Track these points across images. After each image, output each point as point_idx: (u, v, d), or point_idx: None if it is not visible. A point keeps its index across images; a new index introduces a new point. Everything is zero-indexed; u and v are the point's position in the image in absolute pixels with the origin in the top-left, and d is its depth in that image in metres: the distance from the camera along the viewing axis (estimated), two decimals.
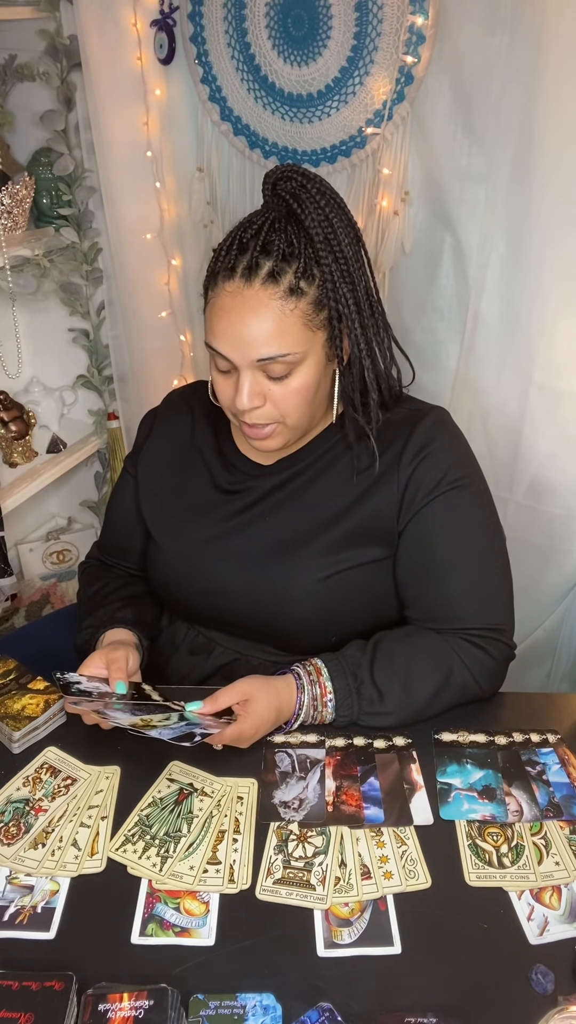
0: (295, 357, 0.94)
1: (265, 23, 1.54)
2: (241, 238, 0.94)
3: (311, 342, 0.95)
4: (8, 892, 0.82)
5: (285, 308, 0.92)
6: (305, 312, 0.94)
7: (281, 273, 0.92)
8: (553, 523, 1.55)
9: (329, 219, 0.94)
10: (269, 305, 0.92)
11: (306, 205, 0.94)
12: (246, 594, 1.06)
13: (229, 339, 0.94)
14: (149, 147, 1.69)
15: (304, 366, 0.96)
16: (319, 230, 0.94)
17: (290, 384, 0.96)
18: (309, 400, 0.99)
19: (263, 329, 0.92)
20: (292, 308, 0.93)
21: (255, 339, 0.92)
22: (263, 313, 0.92)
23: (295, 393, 0.97)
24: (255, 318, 0.92)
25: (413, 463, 1.03)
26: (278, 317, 0.92)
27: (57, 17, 1.60)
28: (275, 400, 0.97)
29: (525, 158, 1.33)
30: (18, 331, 1.73)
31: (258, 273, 0.92)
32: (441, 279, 1.56)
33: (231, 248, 0.94)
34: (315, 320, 0.95)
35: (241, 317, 0.92)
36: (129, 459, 1.21)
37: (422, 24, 1.38)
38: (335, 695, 0.99)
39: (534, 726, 1.02)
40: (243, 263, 0.92)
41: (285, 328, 0.93)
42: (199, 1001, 0.71)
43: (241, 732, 0.94)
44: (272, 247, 0.92)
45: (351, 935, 0.78)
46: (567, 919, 0.80)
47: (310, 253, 0.93)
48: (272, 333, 0.92)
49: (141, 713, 0.94)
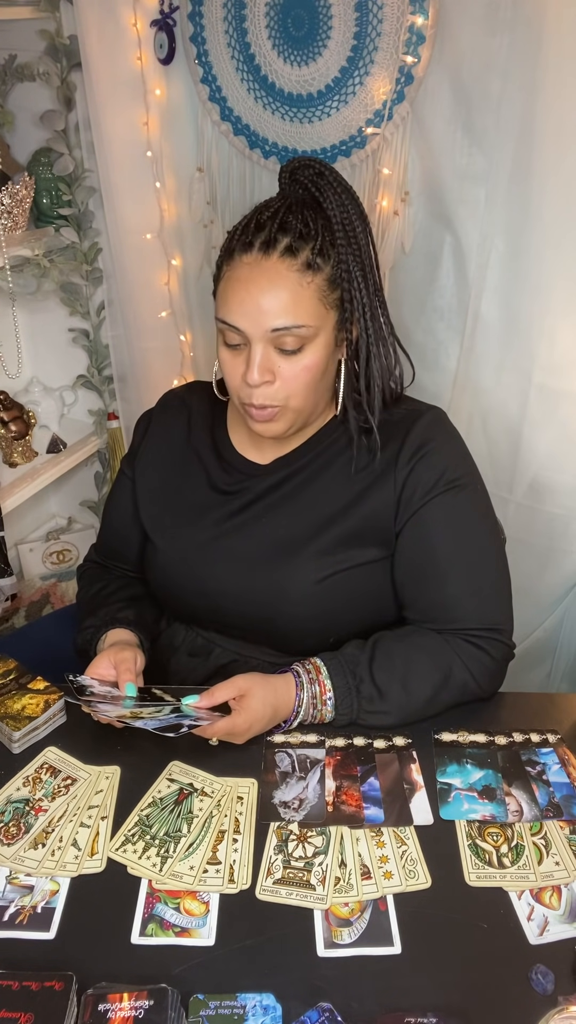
0: (308, 331, 0.95)
1: (265, 23, 1.54)
2: (259, 218, 0.96)
3: (324, 319, 0.96)
4: (8, 892, 0.82)
5: (302, 280, 0.93)
6: (320, 288, 0.95)
7: (299, 249, 0.94)
8: (553, 523, 1.55)
9: (346, 206, 0.97)
10: (287, 276, 0.93)
11: (325, 191, 0.96)
12: (244, 595, 1.06)
13: (244, 310, 0.94)
14: (149, 147, 1.69)
15: (315, 344, 0.97)
16: (336, 214, 0.96)
17: (301, 361, 0.96)
18: (316, 382, 0.99)
19: (279, 299, 0.93)
20: (309, 281, 0.94)
21: (271, 309, 0.93)
22: (280, 283, 0.93)
23: (305, 371, 0.97)
24: (272, 288, 0.93)
25: (410, 463, 1.03)
26: (295, 288, 0.93)
27: (57, 17, 1.61)
28: (284, 378, 0.97)
29: (525, 158, 1.33)
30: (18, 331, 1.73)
31: (276, 247, 0.93)
32: (441, 279, 1.56)
33: (248, 227, 0.96)
34: (329, 298, 0.96)
35: (259, 287, 0.93)
36: (126, 460, 1.21)
37: (422, 24, 1.38)
38: (334, 693, 0.99)
39: (534, 726, 1.02)
40: (261, 238, 0.94)
41: (301, 300, 0.93)
42: (199, 1001, 0.71)
43: (234, 726, 0.94)
44: (289, 226, 0.94)
45: (351, 935, 0.78)
46: (567, 919, 0.80)
47: (327, 236, 0.95)
48: (288, 303, 0.93)
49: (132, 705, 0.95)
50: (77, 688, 0.97)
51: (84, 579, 1.25)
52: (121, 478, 1.21)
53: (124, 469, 1.20)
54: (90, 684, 0.98)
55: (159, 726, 0.92)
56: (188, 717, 0.93)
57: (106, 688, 0.98)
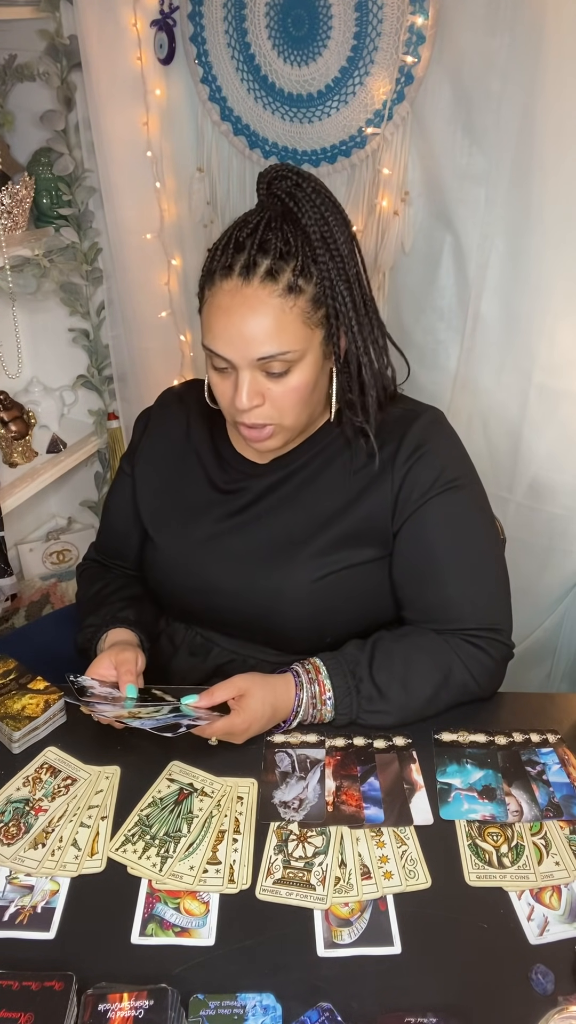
0: (294, 355, 0.94)
1: (265, 23, 1.54)
2: (237, 237, 0.93)
3: (309, 340, 0.95)
4: (8, 892, 0.82)
5: (284, 306, 0.92)
6: (304, 310, 0.93)
7: (279, 271, 0.92)
8: (553, 523, 1.55)
9: (325, 217, 0.94)
10: (268, 303, 0.91)
11: (302, 204, 0.94)
12: (241, 594, 1.06)
13: (228, 338, 0.93)
14: (149, 147, 1.69)
15: (302, 364, 0.96)
16: (315, 228, 0.93)
17: (288, 382, 0.96)
18: (307, 399, 0.99)
19: (262, 327, 0.92)
20: (291, 306, 0.92)
21: (254, 337, 0.92)
22: (262, 311, 0.92)
23: (293, 392, 0.97)
24: (254, 316, 0.92)
25: (407, 463, 1.03)
26: (277, 315, 0.92)
27: (57, 17, 1.61)
28: (273, 399, 0.97)
29: (525, 158, 1.34)
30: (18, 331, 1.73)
31: (256, 271, 0.91)
32: (441, 279, 1.56)
33: (227, 247, 0.93)
34: (313, 318, 0.95)
35: (241, 316, 0.92)
36: (125, 459, 1.21)
37: (422, 24, 1.38)
38: (334, 693, 0.99)
39: (534, 726, 1.02)
40: (240, 261, 0.92)
41: (284, 326, 0.92)
42: (199, 1001, 0.71)
43: (232, 726, 0.94)
44: (269, 245, 0.92)
45: (351, 935, 0.78)
46: (567, 919, 0.80)
47: (307, 252, 0.93)
48: (271, 331, 0.92)
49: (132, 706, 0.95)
50: (78, 689, 0.97)
51: (84, 578, 1.25)
52: (120, 476, 1.21)
53: (123, 467, 1.20)
54: (91, 685, 0.98)
55: (157, 726, 0.92)
56: (187, 717, 0.93)
57: (106, 689, 0.98)
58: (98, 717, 0.97)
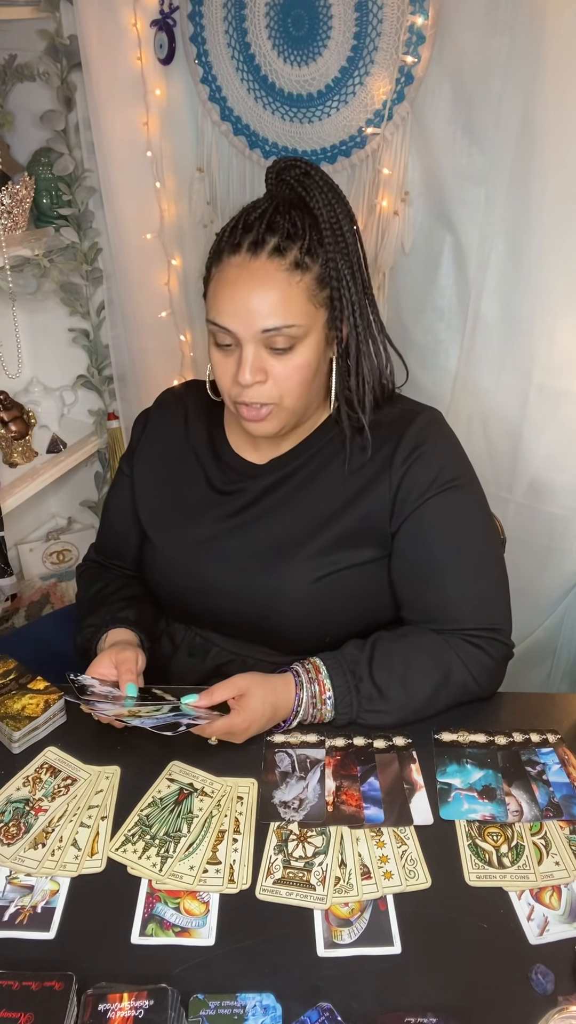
0: (298, 330, 0.95)
1: (265, 23, 1.54)
2: (246, 219, 0.96)
3: (314, 318, 0.96)
4: (8, 892, 0.82)
5: (291, 280, 0.94)
6: (309, 286, 0.95)
7: (287, 249, 0.94)
8: (553, 523, 1.55)
9: (332, 205, 0.97)
10: (275, 276, 0.93)
11: (311, 190, 0.97)
12: (241, 595, 1.06)
13: (234, 311, 0.94)
14: (149, 147, 1.69)
15: (306, 343, 0.97)
16: (324, 214, 0.96)
17: (292, 360, 0.97)
18: (308, 382, 0.99)
19: (268, 299, 0.93)
20: (297, 280, 0.94)
21: (260, 309, 0.93)
22: (269, 283, 0.93)
23: (296, 371, 0.97)
24: (261, 288, 0.93)
25: (405, 464, 1.03)
26: (283, 288, 0.93)
27: (57, 17, 1.61)
28: (276, 377, 0.97)
29: (525, 158, 1.34)
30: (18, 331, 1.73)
31: (264, 247, 0.93)
32: (441, 279, 1.56)
33: (236, 228, 0.96)
34: (318, 297, 0.96)
35: (248, 288, 0.93)
36: (124, 459, 1.21)
37: (422, 24, 1.38)
38: (334, 692, 0.99)
39: (534, 726, 1.02)
40: (249, 239, 0.94)
41: (290, 299, 0.94)
42: (199, 1001, 0.71)
43: (232, 725, 0.94)
44: (277, 226, 0.94)
45: (351, 935, 0.78)
46: (567, 919, 0.80)
47: (314, 235, 0.95)
48: (277, 303, 0.93)
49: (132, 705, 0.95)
50: (78, 688, 0.97)
51: (84, 578, 1.25)
52: (119, 476, 1.21)
53: (123, 467, 1.21)
54: (91, 684, 0.98)
55: (157, 724, 0.92)
56: (187, 716, 0.93)
57: (107, 688, 0.98)
58: (98, 716, 0.98)
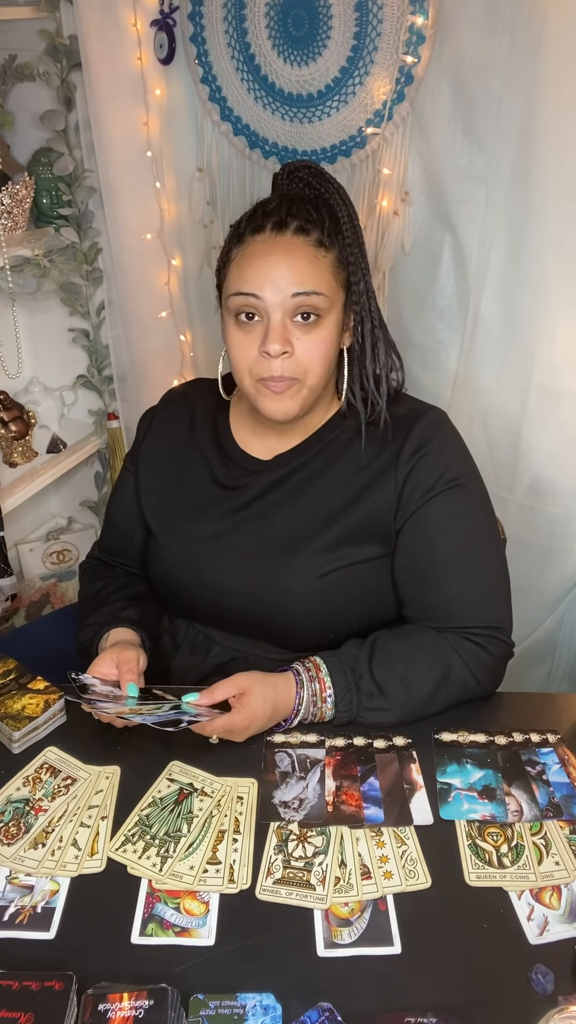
0: (325, 301, 0.98)
1: (265, 23, 1.54)
2: (265, 207, 1.00)
3: (336, 295, 1.00)
4: (8, 892, 0.82)
5: (316, 254, 0.97)
6: (332, 263, 0.99)
7: (309, 230, 0.98)
8: (553, 523, 1.55)
9: (347, 202, 1.01)
10: (303, 248, 0.97)
11: (327, 186, 1.01)
12: (245, 591, 1.07)
13: (263, 278, 0.96)
14: (149, 147, 1.69)
15: (329, 318, 0.99)
16: (342, 207, 1.00)
17: (317, 334, 0.98)
18: (330, 361, 1.02)
19: (299, 266, 0.96)
20: (323, 255, 0.98)
21: (291, 274, 0.96)
22: (297, 253, 0.97)
23: (321, 344, 0.99)
24: (290, 257, 0.96)
25: (411, 462, 1.03)
26: (312, 259, 0.97)
27: (57, 17, 1.61)
28: (302, 350, 0.99)
29: (525, 158, 1.34)
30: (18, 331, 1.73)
31: (288, 227, 0.97)
32: (441, 279, 1.56)
33: (255, 214, 1.00)
34: (339, 276, 1.00)
35: (277, 257, 0.96)
36: (129, 457, 1.22)
37: (422, 24, 1.38)
38: (334, 691, 0.99)
39: (534, 726, 1.02)
40: (272, 220, 0.98)
41: (319, 270, 0.97)
42: (199, 1001, 0.71)
43: (233, 724, 0.94)
44: (296, 213, 0.98)
45: (351, 935, 0.78)
46: (567, 919, 0.80)
47: (333, 226, 0.99)
48: (307, 270, 0.96)
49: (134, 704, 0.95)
50: (80, 687, 0.97)
51: (86, 576, 1.25)
52: (124, 474, 1.21)
53: (127, 465, 1.21)
54: (92, 683, 0.98)
55: (158, 721, 0.92)
56: (187, 714, 0.93)
57: (108, 688, 0.98)
58: (99, 715, 0.98)
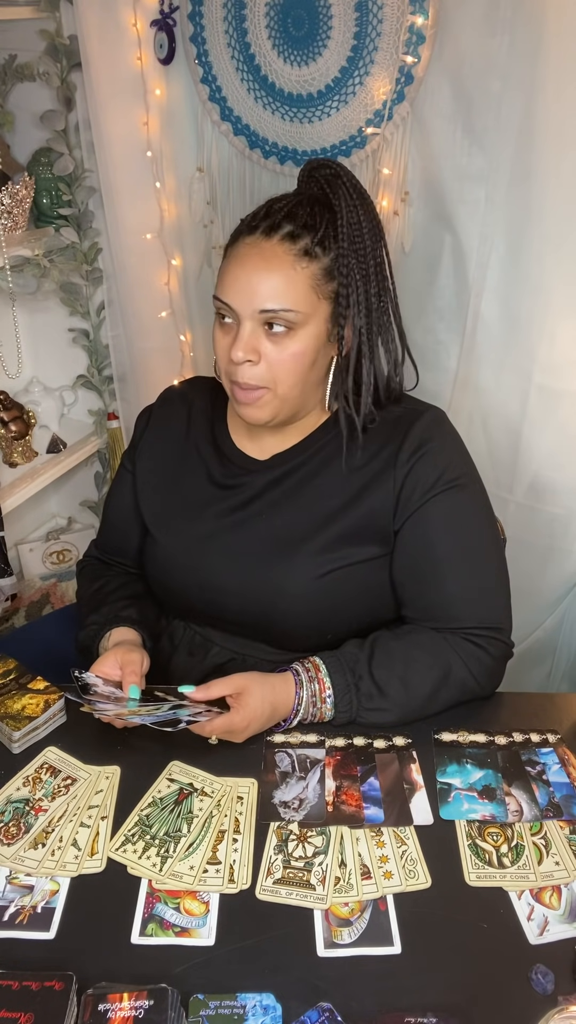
0: (297, 316, 0.96)
1: (265, 23, 1.54)
2: (270, 207, 0.99)
3: (315, 308, 0.98)
4: (8, 892, 0.82)
5: (297, 265, 0.96)
6: (314, 275, 0.97)
7: (299, 236, 0.96)
8: (553, 523, 1.55)
9: (356, 209, 0.99)
10: (282, 259, 0.95)
11: (338, 190, 0.99)
12: (242, 591, 1.07)
13: (238, 288, 0.96)
14: (149, 147, 1.69)
15: (304, 332, 0.98)
16: (344, 213, 0.98)
17: (288, 346, 0.98)
18: (303, 372, 1.00)
19: (271, 281, 0.95)
20: (304, 267, 0.96)
21: (261, 290, 0.95)
22: (274, 265, 0.95)
23: (291, 358, 0.98)
24: (265, 268, 0.95)
25: (410, 462, 1.03)
26: (287, 272, 0.95)
27: (57, 17, 1.61)
28: (270, 362, 0.98)
29: (525, 158, 1.34)
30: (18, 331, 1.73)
31: (278, 231, 0.96)
32: (441, 279, 1.56)
33: (257, 213, 0.99)
34: (323, 288, 0.98)
35: (253, 266, 0.96)
36: (126, 454, 1.21)
37: (422, 24, 1.38)
38: (334, 691, 0.99)
39: (534, 726, 1.02)
40: (267, 223, 0.97)
41: (292, 285, 0.95)
42: (199, 1001, 0.71)
43: (232, 723, 0.94)
44: (297, 216, 0.97)
45: (351, 935, 0.78)
46: (567, 919, 0.80)
47: (330, 230, 0.98)
48: (279, 286, 0.95)
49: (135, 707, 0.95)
50: (81, 686, 0.98)
51: (84, 575, 1.25)
52: (122, 472, 1.21)
53: (125, 463, 1.21)
54: (95, 683, 0.99)
55: (158, 720, 0.92)
56: (186, 713, 0.93)
57: (109, 688, 0.98)
58: (99, 715, 0.98)
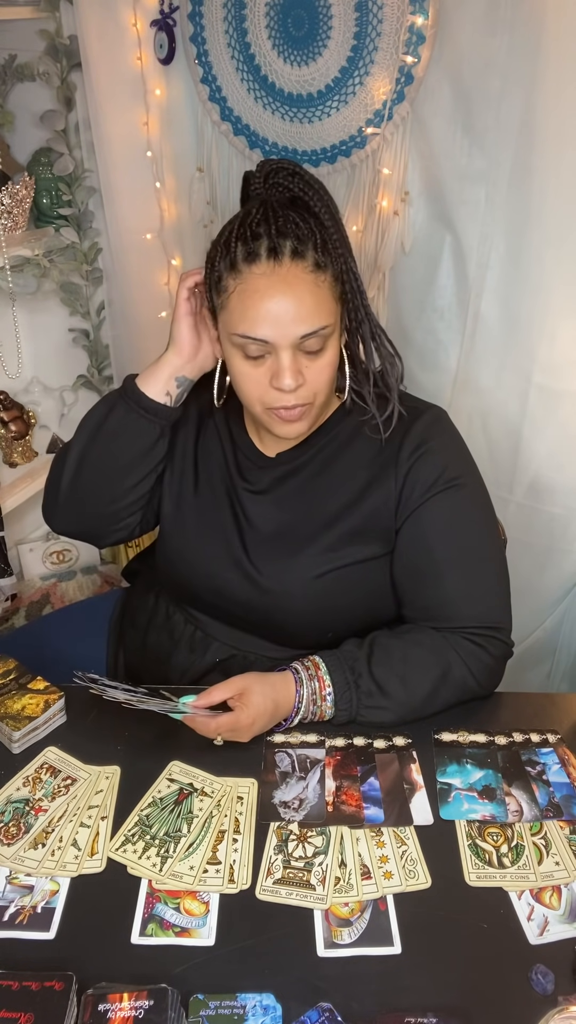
0: (330, 329, 0.95)
1: (265, 23, 1.54)
2: (250, 225, 0.93)
3: (337, 315, 0.97)
4: (8, 892, 0.82)
5: (317, 281, 0.93)
6: (331, 284, 0.95)
7: (304, 250, 0.93)
8: (553, 523, 1.55)
9: (327, 202, 0.95)
10: (303, 279, 0.92)
11: (307, 190, 0.95)
12: (246, 587, 1.07)
13: (271, 322, 0.93)
14: (149, 147, 1.69)
15: (333, 339, 0.97)
16: (321, 208, 0.94)
17: (322, 359, 0.97)
18: (334, 376, 1.00)
19: (303, 305, 0.92)
20: (323, 280, 0.94)
21: (296, 315, 0.92)
22: (300, 288, 0.92)
23: (327, 367, 0.98)
24: (293, 294, 0.92)
25: (410, 460, 1.03)
26: (313, 291, 0.93)
27: (57, 17, 1.61)
28: (311, 377, 0.97)
29: (525, 158, 1.34)
30: (18, 331, 1.73)
31: (283, 251, 0.92)
32: (441, 279, 1.56)
33: (242, 237, 0.93)
34: (336, 292, 0.96)
35: (281, 294, 0.92)
36: None
37: (422, 24, 1.38)
38: (334, 689, 0.99)
39: (534, 726, 1.02)
40: (264, 245, 0.92)
41: (321, 301, 0.93)
42: (199, 1001, 0.71)
43: (238, 722, 0.94)
44: (285, 230, 0.92)
45: (351, 935, 0.78)
46: (567, 919, 0.80)
47: (321, 233, 0.94)
48: (311, 308, 0.93)
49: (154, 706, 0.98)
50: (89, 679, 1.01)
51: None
52: None
53: None
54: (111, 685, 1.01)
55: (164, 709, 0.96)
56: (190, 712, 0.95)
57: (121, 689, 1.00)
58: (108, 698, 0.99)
